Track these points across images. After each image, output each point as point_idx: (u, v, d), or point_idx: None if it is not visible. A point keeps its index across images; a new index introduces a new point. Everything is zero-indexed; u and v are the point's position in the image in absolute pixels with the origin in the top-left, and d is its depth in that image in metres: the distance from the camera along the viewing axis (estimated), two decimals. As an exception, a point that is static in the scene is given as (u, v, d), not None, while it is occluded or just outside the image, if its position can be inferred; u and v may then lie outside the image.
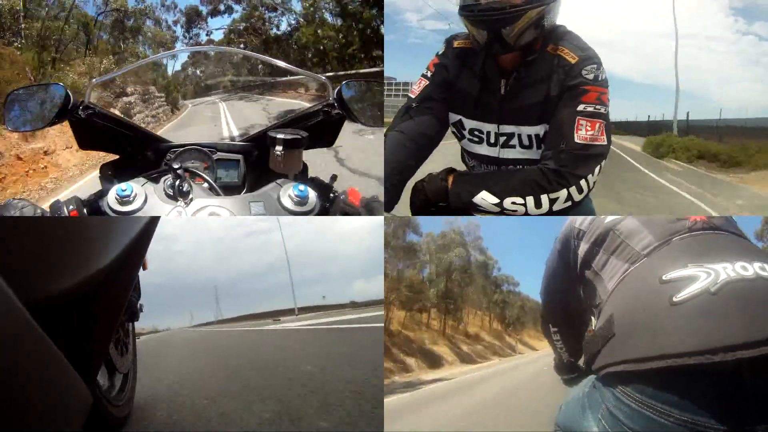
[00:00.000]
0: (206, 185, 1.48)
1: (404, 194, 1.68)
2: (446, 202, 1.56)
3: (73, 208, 1.33)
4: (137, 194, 1.33)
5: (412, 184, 1.66)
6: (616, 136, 1.55)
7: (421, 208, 1.60)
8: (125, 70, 11.38)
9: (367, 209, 1.48)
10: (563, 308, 1.46)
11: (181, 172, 1.39)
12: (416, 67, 1.78)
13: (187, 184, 1.37)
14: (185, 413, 2.57)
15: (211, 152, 1.75)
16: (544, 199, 1.49)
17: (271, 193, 1.42)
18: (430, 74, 1.74)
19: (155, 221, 1.58)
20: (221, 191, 1.50)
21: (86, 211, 1.35)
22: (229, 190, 1.63)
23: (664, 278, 1.02)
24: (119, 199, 1.32)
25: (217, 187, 1.50)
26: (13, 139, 8.67)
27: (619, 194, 8.40)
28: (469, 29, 1.58)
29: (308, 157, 1.67)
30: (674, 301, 0.97)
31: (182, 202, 1.34)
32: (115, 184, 1.35)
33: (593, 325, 1.29)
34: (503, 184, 1.52)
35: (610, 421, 1.01)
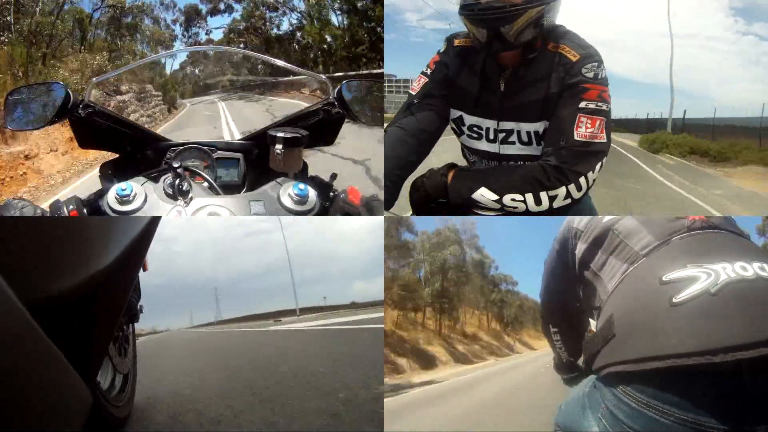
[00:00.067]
0: (206, 184, 1.48)
1: (404, 192, 1.68)
2: (446, 198, 1.56)
3: (73, 207, 1.33)
4: (137, 193, 1.33)
5: (411, 181, 1.66)
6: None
7: (420, 205, 1.60)
8: (125, 69, 11.25)
9: (367, 208, 1.48)
10: (562, 308, 1.45)
11: (180, 171, 1.39)
12: (416, 65, 1.79)
13: (186, 183, 1.37)
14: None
15: (211, 151, 1.75)
16: (543, 196, 1.48)
17: (271, 191, 1.41)
18: (430, 72, 1.74)
19: (156, 221, 1.58)
20: (221, 190, 1.50)
21: (86, 210, 1.35)
22: (229, 189, 1.63)
23: (663, 279, 1.02)
24: (119, 198, 1.32)
25: (216, 186, 1.50)
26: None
27: (611, 181, 9.03)
28: (469, 28, 1.58)
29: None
30: (674, 302, 0.97)
31: (182, 201, 1.34)
32: (114, 183, 1.35)
33: (593, 325, 1.29)
34: (503, 180, 1.52)
35: (610, 420, 1.01)
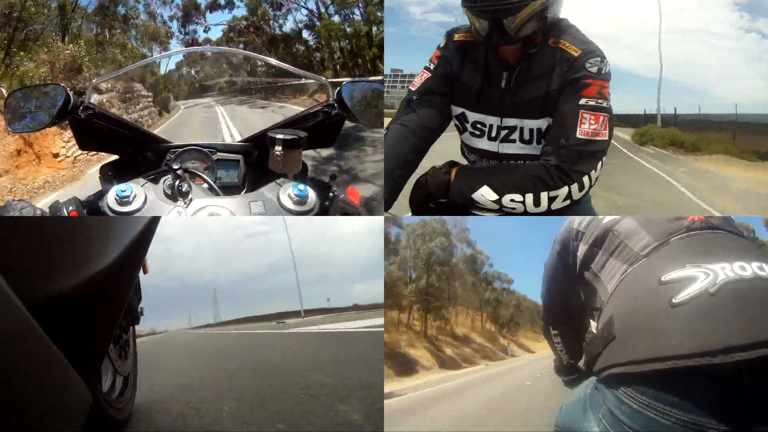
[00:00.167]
0: (206, 185, 1.48)
1: (404, 192, 1.68)
2: (447, 196, 1.56)
3: (72, 208, 1.33)
4: (137, 195, 1.33)
5: (413, 180, 1.65)
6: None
7: (421, 204, 1.60)
8: (125, 70, 11.07)
9: (366, 208, 1.48)
10: (563, 310, 1.45)
11: (180, 172, 1.39)
12: (418, 60, 1.78)
13: (186, 184, 1.37)
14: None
15: (210, 152, 1.75)
16: (543, 196, 1.48)
17: (270, 192, 1.41)
18: (432, 67, 1.73)
19: (155, 222, 1.58)
20: (221, 191, 1.50)
21: (86, 211, 1.35)
22: (228, 190, 1.63)
23: (663, 279, 1.02)
24: (119, 199, 1.32)
25: (216, 187, 1.50)
26: None
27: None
28: (470, 20, 1.58)
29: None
30: (674, 302, 0.97)
31: (182, 202, 1.34)
32: (114, 184, 1.35)
33: (593, 326, 1.29)
34: (504, 179, 1.52)
35: (611, 421, 1.01)
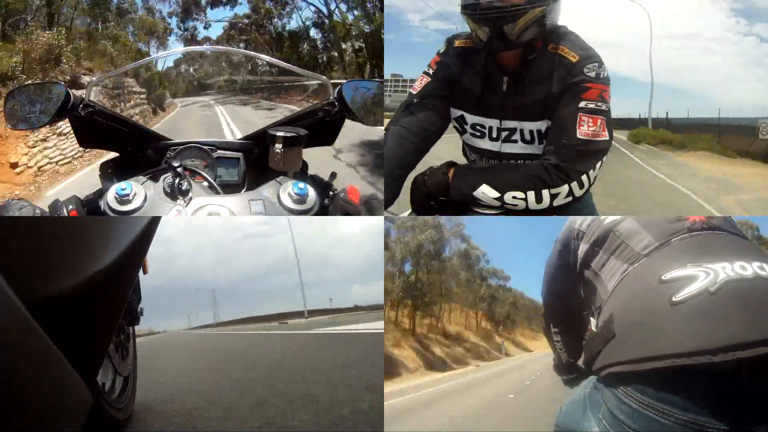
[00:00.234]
0: (206, 184, 1.48)
1: (404, 192, 1.68)
2: (447, 196, 1.56)
3: (72, 207, 1.33)
4: (137, 193, 1.33)
5: (411, 180, 1.66)
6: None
7: (421, 203, 1.60)
8: (125, 69, 10.96)
9: (366, 207, 1.48)
10: (564, 309, 1.45)
11: (180, 170, 1.39)
12: (417, 66, 1.79)
13: (186, 182, 1.37)
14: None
15: (211, 150, 1.75)
16: (545, 194, 1.49)
17: (270, 191, 1.41)
18: (431, 71, 1.74)
19: (156, 221, 1.57)
20: (221, 189, 1.50)
21: (86, 210, 1.35)
22: (229, 188, 1.63)
23: (663, 278, 1.02)
24: (119, 198, 1.31)
25: (216, 185, 1.50)
26: None
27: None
28: (471, 27, 1.59)
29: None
30: (674, 300, 0.97)
31: (182, 200, 1.34)
32: (114, 182, 1.35)
33: (593, 324, 1.29)
34: (504, 178, 1.53)
35: (611, 421, 1.01)
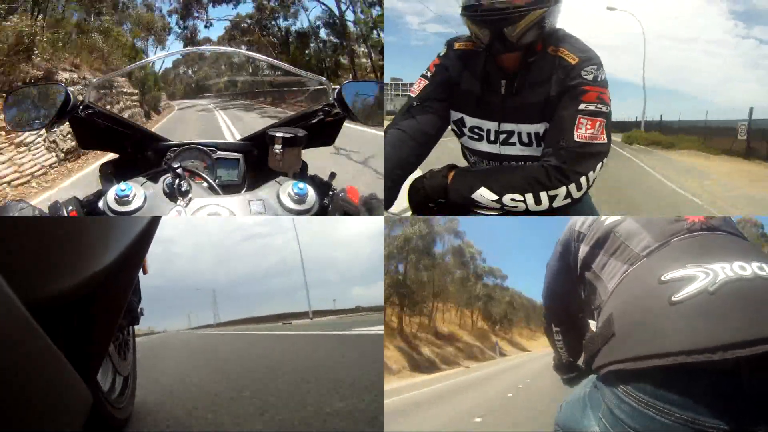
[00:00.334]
0: (206, 184, 1.48)
1: (404, 193, 1.68)
2: (445, 198, 1.56)
3: (72, 208, 1.33)
4: (136, 194, 1.33)
5: (410, 182, 1.66)
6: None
7: (420, 205, 1.60)
8: (125, 70, 10.76)
9: (366, 207, 1.48)
10: (565, 309, 1.46)
11: (180, 171, 1.39)
12: (416, 69, 1.79)
13: (186, 183, 1.37)
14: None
15: (211, 151, 1.75)
16: (543, 196, 1.49)
17: (270, 191, 1.42)
18: (430, 74, 1.75)
19: (156, 221, 1.57)
20: (221, 190, 1.50)
21: (85, 211, 1.35)
22: (228, 189, 1.63)
23: (663, 278, 1.03)
24: (118, 199, 1.31)
25: (216, 186, 1.50)
26: None
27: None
28: (471, 29, 1.59)
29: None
30: (673, 300, 0.97)
31: (182, 201, 1.34)
32: (114, 183, 1.35)
33: (593, 325, 1.29)
34: (503, 180, 1.53)
35: (611, 419, 1.01)
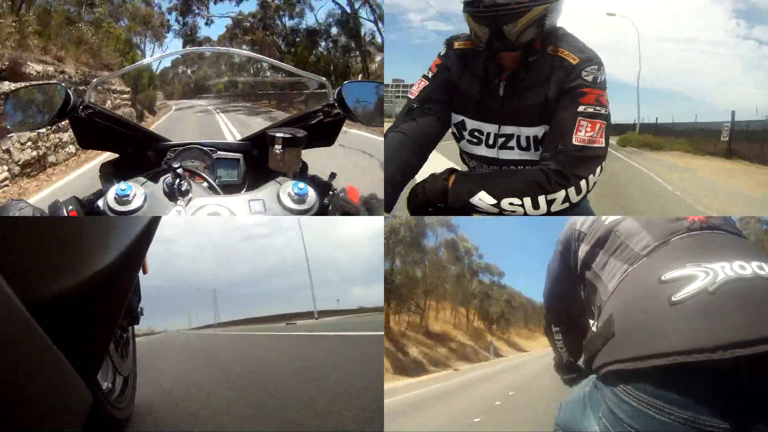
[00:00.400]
0: (206, 184, 1.48)
1: (403, 194, 1.68)
2: (445, 202, 1.56)
3: (72, 208, 1.33)
4: (136, 194, 1.33)
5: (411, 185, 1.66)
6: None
7: (418, 209, 1.60)
8: (124, 71, 10.83)
9: (366, 207, 1.48)
10: (565, 309, 1.46)
11: (180, 171, 1.39)
12: (418, 67, 1.79)
13: (186, 183, 1.37)
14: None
15: (211, 151, 1.75)
16: (542, 200, 1.49)
17: (270, 191, 1.42)
18: (431, 75, 1.74)
19: (156, 221, 1.57)
20: (221, 190, 1.50)
21: (85, 211, 1.35)
22: (228, 189, 1.63)
23: (663, 278, 1.03)
24: (118, 198, 1.32)
25: (216, 186, 1.50)
26: None
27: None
28: (471, 26, 1.58)
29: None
30: (673, 300, 0.97)
31: (182, 201, 1.34)
32: (114, 183, 1.35)
33: (593, 325, 1.29)
34: (503, 184, 1.52)
35: (611, 419, 1.01)
